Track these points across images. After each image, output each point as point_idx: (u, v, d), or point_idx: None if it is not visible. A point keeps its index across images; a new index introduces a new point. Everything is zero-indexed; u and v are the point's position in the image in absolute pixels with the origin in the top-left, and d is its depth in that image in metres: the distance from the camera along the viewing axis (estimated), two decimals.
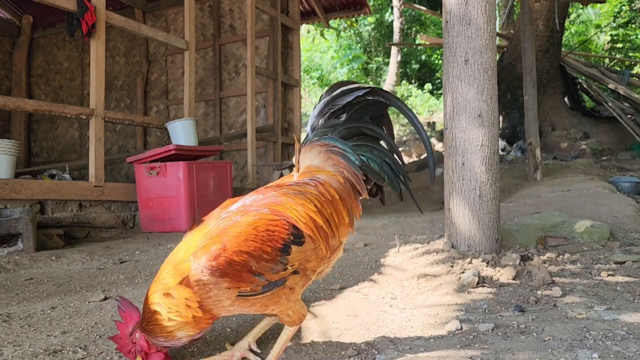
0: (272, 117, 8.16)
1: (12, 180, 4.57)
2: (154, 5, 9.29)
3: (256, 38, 7.78)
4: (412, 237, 3.52)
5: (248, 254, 1.38)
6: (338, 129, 1.65)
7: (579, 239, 3.26)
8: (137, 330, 1.49)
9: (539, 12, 10.43)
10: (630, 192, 5.89)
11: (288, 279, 1.46)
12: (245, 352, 1.74)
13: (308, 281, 1.56)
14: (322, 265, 1.57)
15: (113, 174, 9.16)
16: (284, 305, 1.51)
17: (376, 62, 21.09)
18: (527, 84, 6.86)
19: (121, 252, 4.00)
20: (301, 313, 1.57)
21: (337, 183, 1.61)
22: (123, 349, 1.51)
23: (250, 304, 1.46)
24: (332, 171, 1.62)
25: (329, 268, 1.69)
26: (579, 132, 10.98)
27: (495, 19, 2.98)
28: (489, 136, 2.88)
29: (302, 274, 1.50)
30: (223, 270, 1.37)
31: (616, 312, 1.97)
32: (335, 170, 1.62)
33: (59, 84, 10.41)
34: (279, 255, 1.42)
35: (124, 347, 1.50)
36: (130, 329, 1.50)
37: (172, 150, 5.09)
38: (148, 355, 1.50)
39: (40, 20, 10.39)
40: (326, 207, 1.54)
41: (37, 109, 5.08)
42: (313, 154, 1.66)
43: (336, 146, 1.63)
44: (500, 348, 1.68)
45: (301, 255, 1.46)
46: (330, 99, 1.68)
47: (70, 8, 4.92)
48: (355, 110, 1.66)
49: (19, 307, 2.41)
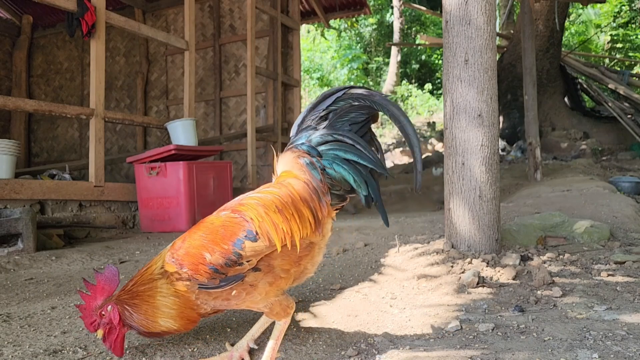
0: (272, 117, 8.16)
1: (12, 180, 4.57)
2: (154, 5, 9.29)
3: (256, 38, 7.78)
4: (412, 237, 3.52)
5: (203, 247, 1.53)
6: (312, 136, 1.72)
7: (579, 239, 3.26)
8: (112, 303, 1.58)
9: (539, 12, 10.43)
10: (630, 192, 5.89)
11: (247, 275, 1.55)
12: (244, 352, 1.74)
13: (279, 280, 1.61)
14: (294, 265, 1.63)
15: (113, 174, 9.16)
16: (249, 301, 1.59)
17: (376, 62, 21.09)
18: (527, 84, 6.86)
19: (121, 252, 4.00)
20: (284, 305, 1.64)
21: (301, 185, 1.68)
22: (86, 319, 1.58)
23: (212, 298, 1.56)
24: (298, 175, 1.70)
25: (312, 267, 1.73)
26: (579, 132, 10.98)
27: (495, 19, 2.98)
28: (489, 136, 2.88)
29: (266, 271, 1.57)
30: (181, 261, 1.53)
31: (616, 312, 1.97)
32: (301, 174, 1.70)
33: (59, 84, 10.41)
34: (231, 250, 1.51)
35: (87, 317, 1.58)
36: (100, 301, 1.59)
37: (172, 150, 5.09)
38: (111, 330, 1.58)
39: (40, 20, 10.39)
40: (287, 208, 1.60)
41: (37, 109, 5.08)
42: (286, 160, 1.74)
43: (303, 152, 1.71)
44: (500, 348, 1.68)
45: (255, 252, 1.53)
46: (311, 107, 1.76)
47: (70, 8, 4.92)
48: (337, 117, 1.72)
49: (19, 307, 2.41)
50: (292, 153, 1.73)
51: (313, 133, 1.72)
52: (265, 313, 1.66)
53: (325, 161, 1.69)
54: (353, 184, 1.70)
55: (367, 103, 1.70)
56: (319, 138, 1.71)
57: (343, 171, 1.69)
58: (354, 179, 1.69)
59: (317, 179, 1.69)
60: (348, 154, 1.69)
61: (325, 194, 1.69)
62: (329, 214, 1.72)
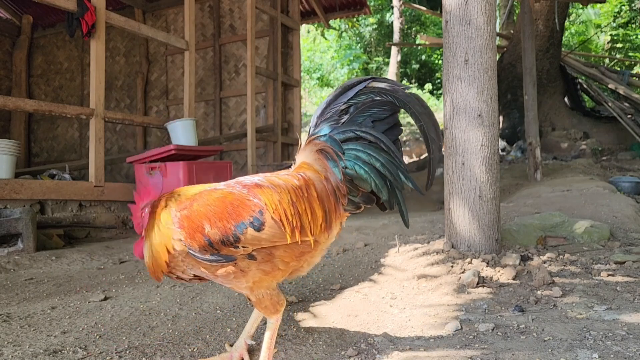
0: (272, 117, 8.15)
1: (12, 180, 4.57)
2: (154, 5, 9.29)
3: (256, 38, 7.78)
4: (412, 237, 3.52)
5: (206, 217, 1.51)
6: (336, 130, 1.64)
7: (579, 239, 3.26)
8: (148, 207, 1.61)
9: (539, 12, 10.43)
10: (630, 192, 5.89)
11: (239, 260, 1.52)
12: (243, 351, 1.75)
13: (276, 271, 1.57)
14: (295, 260, 1.58)
15: (113, 174, 9.16)
16: (235, 284, 1.56)
17: (376, 62, 21.08)
18: (527, 84, 6.86)
19: (121, 252, 4.00)
20: (275, 301, 1.60)
21: (320, 182, 1.62)
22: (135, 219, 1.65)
23: (198, 266, 1.54)
24: (319, 170, 1.63)
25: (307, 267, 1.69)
26: (579, 132, 10.98)
27: (495, 19, 2.98)
28: (489, 136, 2.88)
29: (263, 259, 1.53)
30: (182, 222, 1.52)
31: (616, 312, 1.97)
32: (321, 170, 1.63)
33: (59, 84, 10.41)
34: (232, 231, 1.49)
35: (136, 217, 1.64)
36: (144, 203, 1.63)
37: (172, 150, 5.09)
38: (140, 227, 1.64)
39: (40, 20, 10.39)
40: (301, 202, 1.56)
41: (37, 109, 5.07)
42: (307, 151, 1.67)
43: (327, 147, 1.63)
44: (500, 348, 1.67)
45: (255, 241, 1.50)
46: (331, 99, 1.67)
47: (70, 8, 4.92)
48: (358, 111, 1.63)
49: (19, 307, 2.41)
50: (314, 146, 1.64)
51: (335, 126, 1.63)
52: (254, 303, 1.62)
53: (348, 161, 1.61)
54: (374, 187, 1.62)
55: (389, 99, 1.62)
56: (341, 134, 1.62)
57: (364, 173, 1.60)
58: (375, 182, 1.61)
59: (337, 178, 1.61)
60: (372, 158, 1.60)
61: (344, 196, 1.62)
62: (340, 217, 1.66)
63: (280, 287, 2.67)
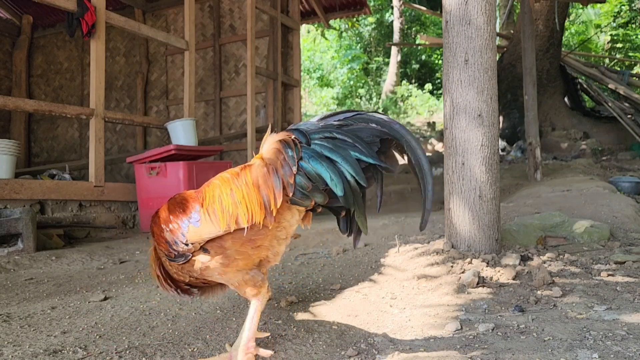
0: (272, 117, 8.15)
1: (12, 180, 4.57)
2: (154, 5, 9.29)
3: (256, 38, 7.78)
4: (412, 237, 3.52)
5: (167, 219, 1.64)
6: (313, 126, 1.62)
7: (579, 239, 3.26)
8: None
9: (539, 12, 10.43)
10: (630, 192, 5.89)
11: (195, 255, 1.61)
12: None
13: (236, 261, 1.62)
14: (250, 248, 1.62)
15: (113, 174, 9.16)
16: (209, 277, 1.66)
17: (376, 62, 21.07)
18: (527, 84, 6.85)
19: (121, 252, 4.00)
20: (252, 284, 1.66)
21: (261, 170, 1.59)
22: None
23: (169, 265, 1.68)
24: (268, 158, 1.61)
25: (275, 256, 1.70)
26: (579, 132, 10.98)
27: (495, 19, 2.98)
28: (489, 136, 2.88)
29: (217, 253, 1.60)
30: (152, 228, 1.69)
31: (616, 312, 1.97)
32: (268, 158, 1.61)
33: (59, 84, 10.41)
34: (179, 230, 1.60)
35: None
36: None
37: (172, 150, 5.09)
38: None
39: (40, 20, 10.38)
40: (239, 191, 1.60)
41: (37, 109, 5.07)
42: (270, 141, 1.65)
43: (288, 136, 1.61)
44: (500, 348, 1.68)
45: (197, 236, 1.58)
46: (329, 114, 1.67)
47: (70, 8, 4.92)
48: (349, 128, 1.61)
49: (19, 307, 2.41)
50: (280, 135, 1.64)
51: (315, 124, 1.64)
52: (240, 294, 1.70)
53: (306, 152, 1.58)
54: (329, 182, 1.56)
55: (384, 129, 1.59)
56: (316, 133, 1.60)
57: (320, 167, 1.56)
58: (331, 176, 1.56)
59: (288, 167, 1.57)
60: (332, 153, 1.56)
61: (288, 185, 1.57)
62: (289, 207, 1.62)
63: (281, 287, 2.67)
